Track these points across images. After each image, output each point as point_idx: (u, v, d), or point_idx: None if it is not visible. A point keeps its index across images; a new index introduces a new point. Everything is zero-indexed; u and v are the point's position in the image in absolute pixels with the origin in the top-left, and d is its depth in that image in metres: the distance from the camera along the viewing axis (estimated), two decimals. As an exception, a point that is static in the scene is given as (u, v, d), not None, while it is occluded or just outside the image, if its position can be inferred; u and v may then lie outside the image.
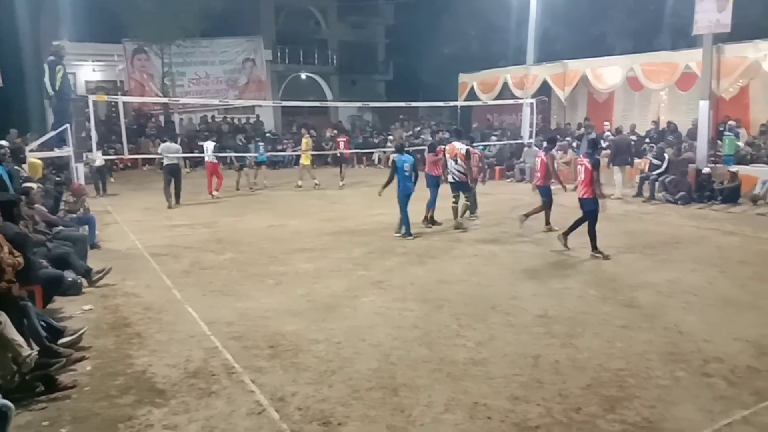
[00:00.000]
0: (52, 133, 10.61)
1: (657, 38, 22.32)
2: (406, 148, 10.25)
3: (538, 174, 10.07)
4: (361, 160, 23.30)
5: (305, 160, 16.97)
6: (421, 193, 10.32)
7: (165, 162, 13.66)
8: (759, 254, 8.45)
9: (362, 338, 5.38)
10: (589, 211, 8.31)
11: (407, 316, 5.98)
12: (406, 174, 9.51)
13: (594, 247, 8.28)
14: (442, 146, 10.94)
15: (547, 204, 10.08)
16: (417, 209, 10.09)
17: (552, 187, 10.09)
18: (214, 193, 14.80)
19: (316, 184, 16.53)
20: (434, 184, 10.67)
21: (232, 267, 8.06)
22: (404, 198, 9.60)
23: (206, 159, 15.25)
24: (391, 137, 22.90)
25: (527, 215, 10.06)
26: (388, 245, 9.17)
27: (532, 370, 4.69)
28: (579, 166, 8.56)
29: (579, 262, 8.03)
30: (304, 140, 17.05)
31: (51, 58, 10.18)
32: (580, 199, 8.40)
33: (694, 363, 4.78)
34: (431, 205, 10.62)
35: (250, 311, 6.18)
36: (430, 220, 10.64)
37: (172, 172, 13.44)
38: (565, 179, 15.53)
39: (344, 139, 18.64)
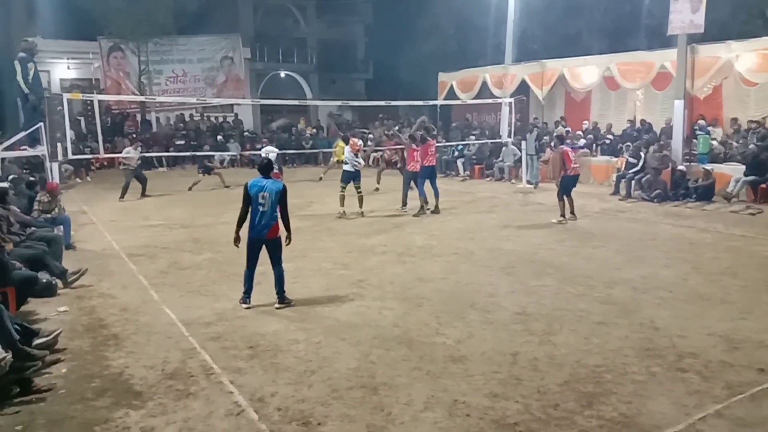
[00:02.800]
0: (24, 133, 10.39)
1: (633, 38, 22.50)
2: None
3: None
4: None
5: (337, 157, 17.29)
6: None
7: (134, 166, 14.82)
8: (730, 250, 8.61)
9: (342, 338, 5.38)
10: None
11: (387, 315, 5.99)
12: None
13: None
14: (428, 139, 11.72)
15: (560, 196, 10.85)
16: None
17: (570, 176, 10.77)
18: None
19: (320, 177, 17.42)
20: (428, 174, 11.61)
21: (209, 267, 8.00)
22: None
23: None
24: (371, 135, 22.76)
25: (572, 213, 10.83)
26: (368, 244, 9.18)
27: (511, 367, 4.73)
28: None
29: (555, 260, 8.11)
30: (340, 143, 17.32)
31: (22, 54, 9.93)
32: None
33: (668, 358, 4.86)
34: (435, 194, 11.73)
35: (229, 312, 6.14)
36: (434, 209, 11.70)
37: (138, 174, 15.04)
38: (544, 177, 15.81)
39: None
